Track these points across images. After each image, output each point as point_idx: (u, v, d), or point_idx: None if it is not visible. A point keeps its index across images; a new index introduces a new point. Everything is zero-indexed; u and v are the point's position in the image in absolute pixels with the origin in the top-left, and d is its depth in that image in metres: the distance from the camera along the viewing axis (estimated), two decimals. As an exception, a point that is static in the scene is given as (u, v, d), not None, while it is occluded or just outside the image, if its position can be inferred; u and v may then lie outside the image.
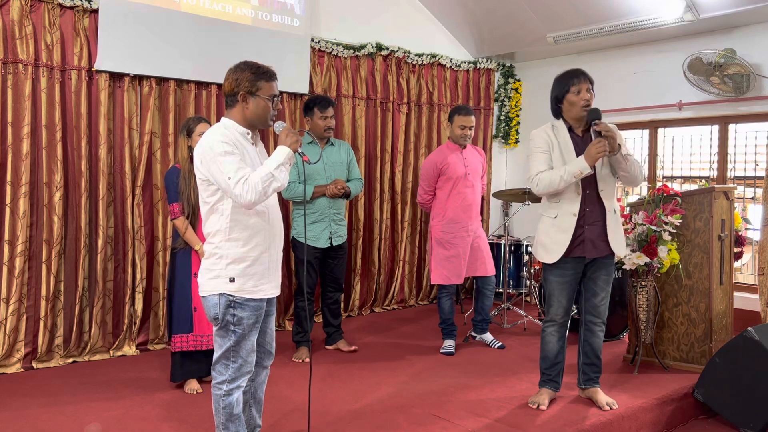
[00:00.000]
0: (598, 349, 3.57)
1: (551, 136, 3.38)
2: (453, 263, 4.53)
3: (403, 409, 3.47)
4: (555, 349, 3.55)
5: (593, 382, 3.59)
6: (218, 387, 2.61)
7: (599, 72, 6.26)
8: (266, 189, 2.44)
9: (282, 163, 2.50)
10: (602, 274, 3.46)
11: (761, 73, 5.09)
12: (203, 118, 3.79)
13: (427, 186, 4.65)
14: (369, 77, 5.85)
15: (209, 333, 3.73)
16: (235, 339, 2.58)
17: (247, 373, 2.64)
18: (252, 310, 2.59)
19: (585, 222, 3.34)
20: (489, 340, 4.76)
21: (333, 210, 4.41)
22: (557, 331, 3.53)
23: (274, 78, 2.60)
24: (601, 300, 3.49)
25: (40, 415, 3.37)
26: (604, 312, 3.52)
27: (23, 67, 4.13)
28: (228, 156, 2.46)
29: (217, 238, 2.58)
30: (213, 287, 2.58)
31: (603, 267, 3.45)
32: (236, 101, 2.58)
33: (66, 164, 4.33)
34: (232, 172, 2.43)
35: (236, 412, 2.62)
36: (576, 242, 3.35)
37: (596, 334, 3.55)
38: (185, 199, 3.67)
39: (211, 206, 2.58)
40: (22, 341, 4.17)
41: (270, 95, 2.58)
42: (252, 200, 2.43)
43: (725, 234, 4.19)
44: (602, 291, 3.48)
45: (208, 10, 4.80)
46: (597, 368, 3.60)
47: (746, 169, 5.40)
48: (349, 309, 5.77)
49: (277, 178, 2.47)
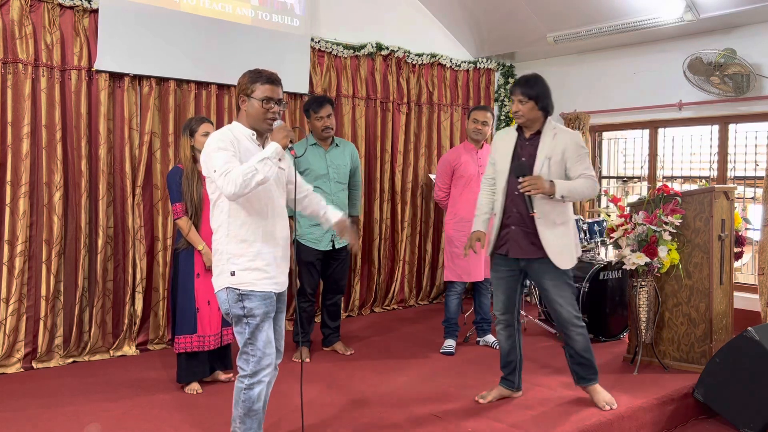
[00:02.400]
0: (583, 350, 3.49)
1: (503, 138, 3.54)
2: (463, 261, 4.53)
3: (403, 409, 3.47)
4: (506, 347, 3.61)
5: (587, 380, 3.54)
6: (240, 380, 2.68)
7: (599, 72, 6.32)
8: (247, 181, 2.49)
9: (268, 157, 2.54)
10: (546, 279, 3.41)
11: (761, 73, 5.09)
12: (206, 119, 3.80)
13: (442, 183, 4.74)
14: (369, 77, 5.85)
15: (212, 333, 3.74)
16: (249, 331, 2.65)
17: (267, 366, 2.68)
18: (260, 300, 2.64)
19: (511, 222, 3.43)
20: (491, 342, 4.76)
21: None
22: (504, 329, 3.59)
23: (271, 81, 2.67)
24: (560, 306, 3.43)
25: (40, 415, 3.37)
26: (568, 318, 3.44)
27: (23, 67, 4.13)
28: (220, 152, 2.55)
29: (219, 233, 2.68)
30: (220, 283, 2.67)
31: (544, 272, 3.40)
32: (239, 106, 2.71)
33: (66, 164, 4.33)
34: (219, 165, 2.52)
35: (255, 408, 2.68)
36: (501, 240, 3.47)
37: (573, 338, 3.48)
38: (188, 199, 3.67)
39: (214, 202, 2.69)
40: (22, 341, 4.17)
41: (262, 97, 2.64)
42: (232, 192, 2.49)
43: (725, 234, 4.19)
44: (557, 296, 3.42)
45: (208, 10, 4.80)
46: (587, 367, 3.52)
47: (746, 169, 5.40)
48: (349, 309, 5.77)
49: (260, 171, 2.51)
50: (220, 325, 3.78)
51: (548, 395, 3.70)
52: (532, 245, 3.38)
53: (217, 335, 3.77)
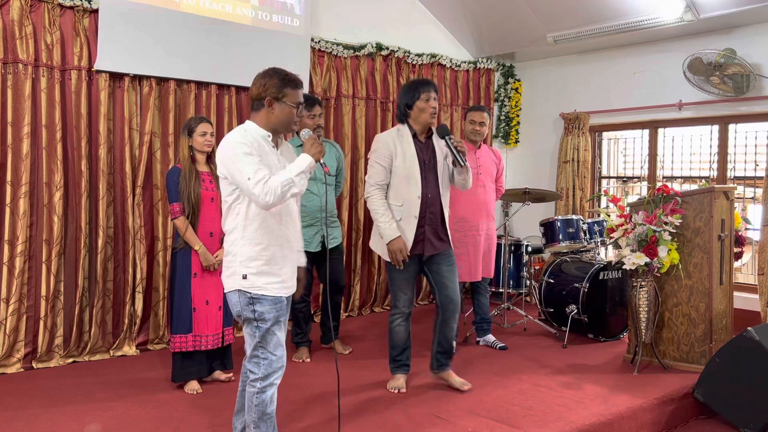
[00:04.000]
0: (451, 338, 3.78)
1: (395, 142, 3.64)
2: (462, 261, 4.53)
3: (403, 409, 3.47)
4: (403, 338, 3.80)
5: (446, 366, 3.84)
6: (252, 384, 2.67)
7: (599, 72, 6.32)
8: (285, 193, 2.52)
9: (303, 171, 2.58)
10: (444, 265, 3.70)
11: (761, 73, 5.09)
12: (205, 118, 3.80)
13: None
14: (369, 77, 5.85)
15: (208, 333, 3.74)
16: (260, 334, 2.65)
17: (279, 368, 2.69)
18: (271, 304, 2.64)
19: (425, 223, 3.63)
20: (491, 341, 4.76)
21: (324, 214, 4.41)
22: (404, 321, 3.78)
23: (300, 86, 2.68)
24: (453, 292, 3.71)
25: (40, 415, 3.37)
26: (458, 301, 3.73)
27: (23, 67, 4.13)
28: (247, 157, 2.53)
29: (233, 235, 2.66)
30: (231, 284, 2.67)
31: (443, 260, 3.70)
32: (262, 106, 2.65)
33: (66, 164, 4.33)
34: (251, 172, 2.50)
35: (269, 411, 2.67)
36: (417, 241, 3.63)
37: (450, 325, 3.75)
38: (186, 198, 3.66)
39: (229, 205, 2.66)
40: (22, 341, 4.17)
41: (296, 102, 2.65)
42: (270, 202, 2.51)
43: (725, 234, 4.19)
44: (450, 282, 3.70)
45: (208, 10, 4.80)
46: (450, 355, 3.83)
47: (746, 169, 5.40)
48: (349, 309, 5.77)
49: (296, 184, 2.55)
50: (221, 325, 3.78)
51: (548, 395, 3.70)
52: (440, 240, 3.69)
53: (217, 335, 3.76)
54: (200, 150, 3.75)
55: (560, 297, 5.03)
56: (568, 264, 5.23)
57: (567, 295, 4.96)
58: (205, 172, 3.76)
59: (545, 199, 5.60)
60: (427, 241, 3.65)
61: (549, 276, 5.22)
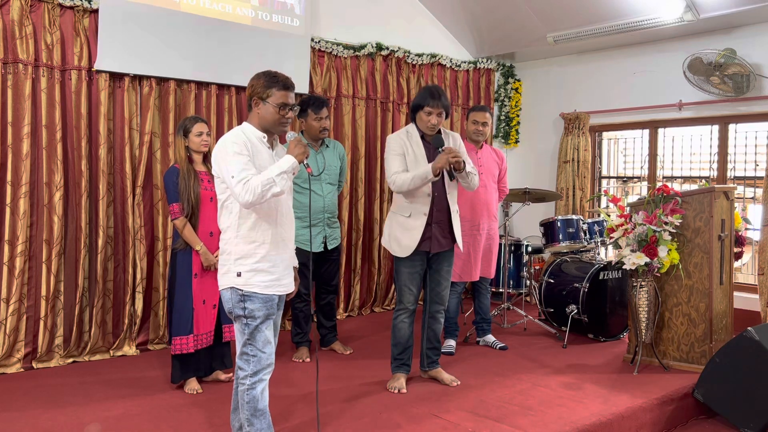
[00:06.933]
0: (438, 332, 3.96)
1: (405, 141, 3.75)
2: (462, 260, 4.53)
3: (403, 409, 3.47)
4: (407, 334, 3.86)
5: (436, 363, 3.96)
6: (241, 382, 2.70)
7: (599, 72, 6.32)
8: (264, 193, 2.56)
9: (285, 171, 2.61)
10: (445, 266, 3.84)
11: (761, 73, 5.09)
12: (200, 118, 3.80)
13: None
14: (369, 77, 5.85)
15: (205, 331, 3.74)
16: (249, 332, 2.68)
17: (267, 365, 2.71)
18: (261, 302, 2.67)
19: (433, 220, 3.72)
20: (491, 341, 4.77)
21: (327, 214, 4.42)
22: (408, 318, 3.85)
23: (289, 88, 2.70)
24: (444, 288, 3.88)
25: (40, 415, 3.37)
26: (446, 298, 3.91)
27: (23, 67, 4.13)
28: (236, 156, 2.59)
29: (227, 234, 2.71)
30: (225, 282, 2.70)
31: (445, 259, 3.83)
32: (251, 106, 2.72)
33: (66, 164, 4.33)
34: (236, 171, 2.56)
35: (261, 407, 2.69)
36: (424, 238, 3.69)
37: (438, 320, 3.92)
38: (185, 199, 3.66)
39: (222, 203, 2.72)
40: (22, 341, 4.17)
41: (278, 103, 2.67)
42: (249, 201, 2.55)
43: (725, 234, 4.19)
44: (445, 281, 3.87)
45: (208, 10, 4.80)
46: (438, 351, 3.99)
47: (746, 169, 5.40)
48: (349, 309, 5.77)
49: (277, 184, 2.58)
50: (214, 323, 3.79)
51: (548, 395, 3.70)
52: (446, 238, 3.78)
53: (210, 333, 3.77)
54: (197, 150, 3.75)
55: (560, 297, 5.04)
56: (568, 264, 5.23)
57: (567, 295, 4.96)
58: (203, 171, 3.77)
59: (545, 199, 5.60)
60: (434, 239, 3.73)
61: (549, 276, 5.22)
